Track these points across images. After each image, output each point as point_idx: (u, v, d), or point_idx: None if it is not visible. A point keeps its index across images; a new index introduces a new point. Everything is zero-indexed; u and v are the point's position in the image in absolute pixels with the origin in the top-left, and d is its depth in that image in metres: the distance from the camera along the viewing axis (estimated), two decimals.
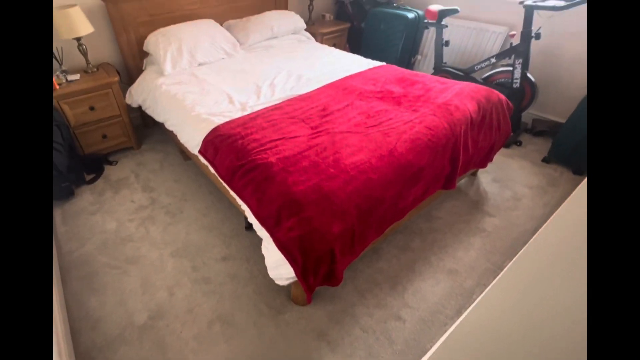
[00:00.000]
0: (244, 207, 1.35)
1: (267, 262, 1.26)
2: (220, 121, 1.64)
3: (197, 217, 1.86)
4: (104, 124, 2.22)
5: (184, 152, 2.24)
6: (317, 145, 1.43)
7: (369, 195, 1.25)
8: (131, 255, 1.64)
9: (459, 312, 1.39)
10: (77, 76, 2.12)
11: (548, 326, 0.59)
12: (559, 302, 0.64)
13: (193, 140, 1.67)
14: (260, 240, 1.30)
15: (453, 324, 1.18)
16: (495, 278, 1.46)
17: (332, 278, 1.25)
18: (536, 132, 2.55)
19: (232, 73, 2.18)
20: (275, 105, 1.79)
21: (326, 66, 2.29)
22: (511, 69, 2.37)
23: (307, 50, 2.59)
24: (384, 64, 2.36)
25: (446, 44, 2.70)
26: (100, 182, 2.13)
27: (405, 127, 1.53)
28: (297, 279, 1.19)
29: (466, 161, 1.69)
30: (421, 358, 1.09)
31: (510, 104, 1.93)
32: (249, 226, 1.71)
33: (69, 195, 1.98)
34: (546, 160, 2.28)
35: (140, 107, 2.30)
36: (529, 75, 2.39)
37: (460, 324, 0.68)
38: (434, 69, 2.83)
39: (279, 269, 1.22)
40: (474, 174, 2.16)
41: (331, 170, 1.29)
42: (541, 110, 2.73)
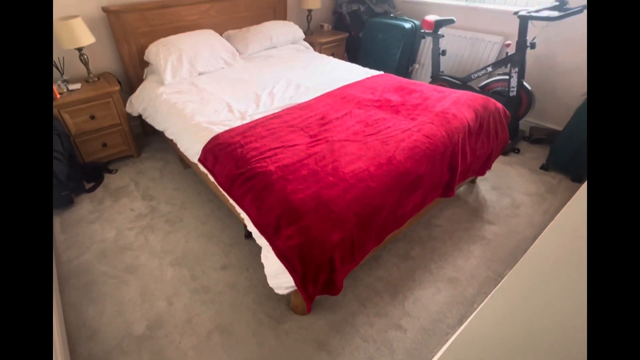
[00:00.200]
0: (244, 215, 1.35)
1: (267, 270, 1.26)
2: (219, 130, 1.65)
3: (196, 226, 1.86)
4: (104, 133, 2.23)
5: (183, 161, 2.25)
6: (316, 153, 1.44)
7: (368, 203, 1.26)
8: (130, 264, 1.63)
9: (460, 321, 1.38)
10: (78, 85, 2.14)
11: (550, 334, 0.59)
12: (560, 309, 0.64)
13: (193, 149, 1.68)
14: (259, 248, 1.30)
15: (454, 333, 1.17)
16: (496, 286, 1.45)
17: (331, 287, 1.24)
18: (534, 139, 2.57)
19: (232, 82, 2.20)
20: (274, 114, 1.80)
21: (325, 75, 2.32)
22: (507, 77, 2.40)
23: (306, 60, 2.62)
24: (382, 73, 2.39)
25: (443, 53, 2.74)
26: (99, 190, 2.13)
27: (403, 136, 1.55)
28: (296, 288, 1.19)
29: (465, 169, 1.70)
30: None
31: (507, 112, 1.95)
32: (249, 234, 1.71)
33: (68, 203, 1.98)
34: (544, 168, 2.30)
35: (140, 116, 2.32)
36: (525, 83, 2.42)
37: (461, 333, 0.68)
38: (431, 78, 2.86)
39: (279, 277, 1.22)
40: (472, 182, 2.17)
41: (330, 179, 1.30)
42: (538, 118, 2.75)
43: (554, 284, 0.70)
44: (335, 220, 1.18)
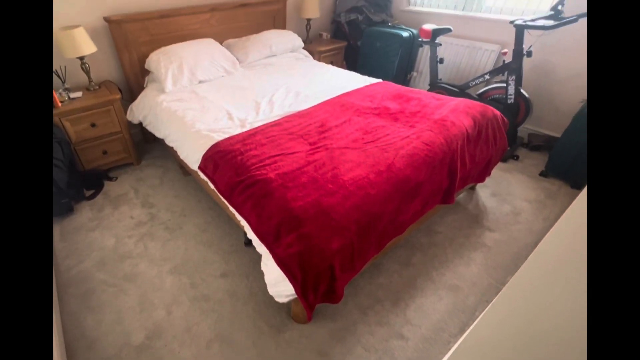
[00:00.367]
0: (244, 222, 1.35)
1: (267, 278, 1.25)
2: (219, 137, 1.65)
3: (196, 233, 1.85)
4: (104, 140, 2.24)
5: (183, 168, 2.25)
6: (315, 161, 1.45)
7: (368, 210, 1.26)
8: (129, 272, 1.62)
9: (462, 330, 1.37)
10: (79, 94, 2.15)
11: (552, 342, 0.59)
12: (562, 317, 0.63)
13: (193, 156, 1.68)
14: (259, 256, 1.29)
15: (456, 342, 1.16)
16: (497, 294, 1.45)
17: (332, 295, 1.24)
18: (532, 146, 2.59)
19: (232, 90, 2.22)
20: (274, 121, 1.81)
21: (324, 83, 2.34)
22: (505, 85, 2.42)
23: (305, 68, 2.65)
24: (381, 80, 2.41)
25: (441, 61, 2.77)
26: (99, 198, 2.13)
27: (402, 143, 1.56)
28: (297, 296, 1.18)
29: (464, 176, 1.71)
30: None
31: (505, 119, 1.97)
32: (249, 242, 1.70)
33: (68, 211, 1.97)
34: (544, 174, 2.30)
35: (141, 123, 2.33)
36: (522, 91, 2.44)
37: (463, 342, 0.68)
38: (429, 86, 2.89)
39: (279, 285, 1.21)
40: (472, 188, 2.17)
41: (330, 186, 1.30)
42: (536, 125, 2.77)
43: (555, 292, 0.70)
44: (335, 228, 1.18)
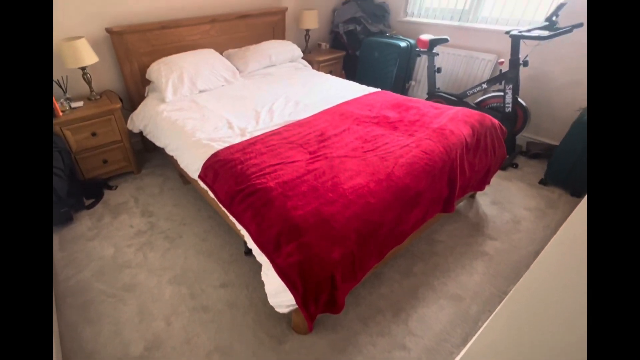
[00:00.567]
0: (244, 232, 1.35)
1: (267, 288, 1.24)
2: (219, 146, 1.66)
3: (196, 242, 1.84)
4: (105, 149, 2.24)
5: (183, 177, 2.25)
6: (315, 169, 1.45)
7: (368, 219, 1.25)
8: (128, 283, 1.61)
9: (465, 340, 1.35)
10: (80, 103, 2.16)
11: (555, 352, 0.58)
12: (564, 326, 0.63)
13: (193, 165, 1.69)
14: (259, 265, 1.29)
15: (460, 353, 1.15)
16: (500, 303, 1.43)
17: (333, 305, 1.23)
18: (531, 154, 2.60)
19: (232, 99, 2.24)
20: (273, 130, 1.82)
21: (323, 92, 2.36)
22: (502, 94, 2.45)
23: (304, 77, 2.67)
24: (379, 90, 2.43)
25: (438, 70, 2.80)
26: (99, 207, 2.12)
27: (401, 152, 1.56)
28: (297, 306, 1.17)
29: (464, 184, 1.71)
30: None
31: (503, 127, 1.98)
32: (249, 251, 1.69)
33: (67, 220, 1.96)
34: (543, 182, 2.31)
35: (141, 132, 2.34)
36: (520, 100, 2.47)
37: (466, 353, 0.67)
38: (427, 94, 2.91)
39: (279, 296, 1.20)
40: (472, 197, 2.17)
41: (330, 195, 1.30)
42: (535, 133, 2.79)
43: (557, 302, 0.69)
44: (335, 237, 1.17)
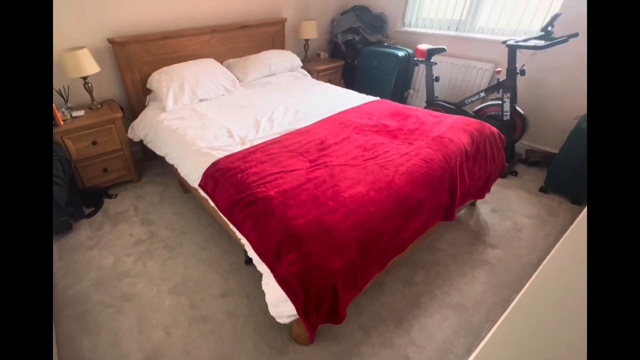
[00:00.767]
0: (244, 240, 1.34)
1: (268, 298, 1.23)
2: (220, 155, 1.66)
3: (195, 251, 1.83)
4: (105, 158, 2.24)
5: (183, 185, 2.25)
6: (315, 178, 1.45)
7: (369, 228, 1.25)
8: (127, 292, 1.59)
9: (468, 351, 1.34)
10: (81, 112, 2.17)
11: None
12: (568, 336, 0.62)
13: (193, 174, 1.69)
14: (260, 275, 1.28)
15: None
16: (503, 313, 1.42)
17: (334, 315, 1.21)
18: (530, 162, 2.61)
19: (232, 108, 2.25)
20: (274, 139, 1.83)
21: (322, 101, 2.38)
22: (500, 102, 2.47)
23: (304, 86, 2.69)
24: (378, 98, 2.45)
25: (436, 79, 2.83)
26: (98, 215, 2.11)
27: (401, 160, 1.57)
28: (298, 317, 1.16)
29: (464, 192, 1.72)
30: None
31: (502, 135, 2.00)
32: (249, 260, 1.68)
33: (66, 229, 1.95)
34: (543, 190, 2.32)
35: (141, 141, 2.34)
36: (518, 108, 2.49)
37: None
38: (426, 103, 2.94)
39: (280, 306, 1.19)
40: (473, 205, 2.17)
41: (330, 204, 1.30)
42: (533, 141, 2.81)
43: (561, 313, 0.69)
44: (336, 246, 1.17)
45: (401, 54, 3.05)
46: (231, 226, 1.43)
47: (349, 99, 2.43)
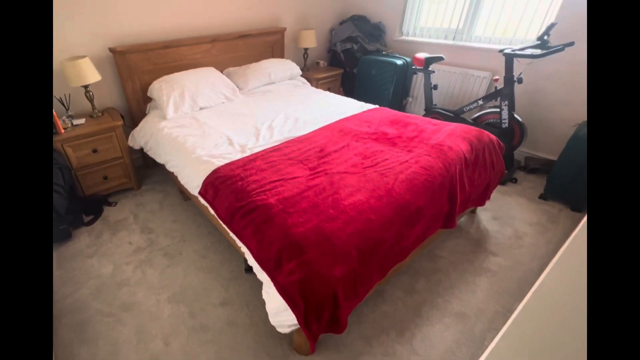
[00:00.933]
0: (244, 248, 1.34)
1: (268, 307, 1.22)
2: (220, 163, 1.67)
3: (195, 259, 1.82)
4: (105, 166, 2.25)
5: (183, 193, 2.25)
6: (316, 186, 1.45)
7: (370, 236, 1.25)
8: (126, 301, 1.58)
9: None
10: (82, 120, 2.18)
11: None
12: (573, 345, 0.62)
13: (193, 182, 1.69)
14: (260, 283, 1.27)
15: None
16: (505, 321, 1.41)
17: (335, 324, 1.20)
18: (530, 169, 2.62)
19: (232, 116, 2.26)
20: (273, 147, 1.83)
21: (322, 109, 2.39)
22: (499, 110, 2.49)
23: (303, 95, 2.71)
24: (377, 106, 2.47)
25: (435, 87, 2.85)
26: (98, 223, 2.10)
27: (401, 167, 1.57)
28: (299, 326, 1.15)
29: (464, 199, 1.72)
30: None
31: (501, 143, 2.01)
32: (249, 268, 1.67)
33: (66, 237, 1.94)
34: (543, 197, 2.32)
35: (142, 149, 2.35)
36: (516, 115, 2.51)
37: None
38: (425, 111, 2.96)
39: (281, 315, 1.18)
40: (473, 212, 2.17)
41: (331, 211, 1.30)
42: (532, 148, 2.82)
43: (564, 322, 0.68)
44: (337, 254, 1.16)
45: (399, 62, 3.09)
46: (231, 234, 1.43)
47: (348, 106, 2.45)
